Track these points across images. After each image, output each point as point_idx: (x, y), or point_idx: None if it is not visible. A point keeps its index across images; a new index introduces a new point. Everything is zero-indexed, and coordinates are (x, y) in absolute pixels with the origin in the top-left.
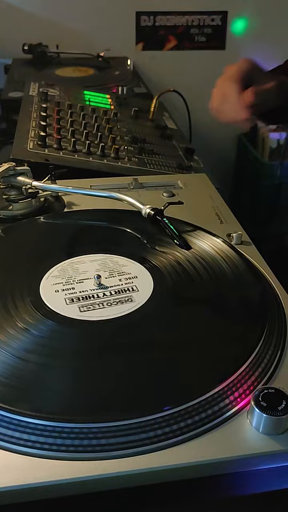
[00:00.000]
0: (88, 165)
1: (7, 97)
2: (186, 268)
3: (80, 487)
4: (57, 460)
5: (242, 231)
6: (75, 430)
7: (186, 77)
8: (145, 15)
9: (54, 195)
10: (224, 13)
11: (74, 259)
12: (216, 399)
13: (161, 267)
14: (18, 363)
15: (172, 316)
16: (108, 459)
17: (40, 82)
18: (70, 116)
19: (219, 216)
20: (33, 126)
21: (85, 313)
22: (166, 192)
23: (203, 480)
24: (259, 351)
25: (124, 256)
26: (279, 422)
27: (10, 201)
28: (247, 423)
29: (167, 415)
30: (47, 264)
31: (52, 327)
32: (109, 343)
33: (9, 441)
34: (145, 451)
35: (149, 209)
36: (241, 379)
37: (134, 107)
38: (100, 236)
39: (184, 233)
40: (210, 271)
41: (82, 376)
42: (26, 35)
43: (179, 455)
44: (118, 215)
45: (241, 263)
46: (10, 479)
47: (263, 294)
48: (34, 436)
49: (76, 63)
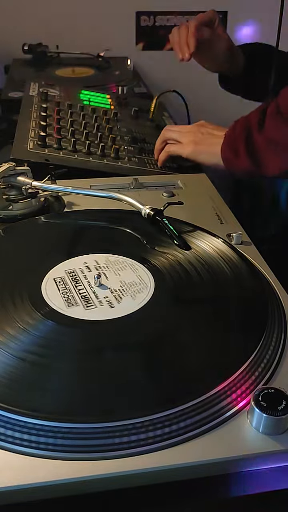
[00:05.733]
0: (88, 165)
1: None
2: (186, 268)
3: (80, 487)
4: (57, 460)
5: (242, 231)
6: (75, 430)
7: (186, 77)
8: (145, 15)
9: (54, 195)
10: (224, 13)
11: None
12: (216, 399)
13: (161, 267)
14: (17, 363)
15: (172, 316)
16: (108, 459)
17: (40, 82)
18: (70, 116)
19: (219, 216)
20: (33, 126)
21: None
22: (166, 192)
23: (203, 480)
24: (259, 351)
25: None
26: (279, 422)
27: (10, 201)
28: (247, 423)
29: (167, 415)
30: (47, 264)
31: (52, 327)
32: (109, 343)
33: (9, 441)
34: (145, 451)
35: (149, 209)
36: (241, 379)
37: (134, 107)
38: (100, 236)
39: (184, 233)
40: (210, 271)
41: (82, 376)
42: (26, 35)
43: (179, 455)
44: (118, 215)
45: (241, 263)
46: (10, 479)
47: (263, 294)
48: (34, 436)
49: (76, 63)
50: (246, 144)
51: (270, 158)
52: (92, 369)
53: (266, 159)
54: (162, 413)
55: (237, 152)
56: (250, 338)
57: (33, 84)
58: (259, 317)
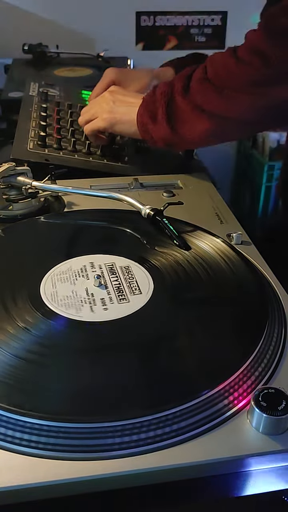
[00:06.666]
0: (88, 165)
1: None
2: (186, 268)
3: (80, 487)
4: (57, 460)
5: (242, 231)
6: (75, 430)
7: None
8: (145, 15)
9: (54, 195)
10: (224, 13)
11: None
12: (216, 399)
13: (161, 267)
14: (17, 362)
15: (172, 316)
16: (108, 459)
17: (40, 82)
18: (70, 116)
19: (219, 216)
20: (33, 126)
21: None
22: (166, 192)
23: (203, 480)
24: (259, 351)
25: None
26: (279, 422)
27: (10, 201)
28: (247, 423)
29: (167, 415)
30: (47, 264)
31: (52, 327)
32: (109, 344)
33: (9, 441)
34: (145, 451)
35: (148, 209)
36: (241, 379)
37: None
38: (100, 236)
39: (184, 233)
40: (210, 271)
41: (82, 376)
42: (26, 35)
43: (179, 455)
44: (118, 215)
45: (241, 263)
46: (10, 479)
47: (263, 294)
48: (34, 436)
49: (76, 63)
50: (166, 108)
51: (191, 124)
52: (92, 369)
53: (187, 125)
54: (162, 413)
55: (155, 117)
56: (250, 338)
57: (33, 84)
58: (259, 317)
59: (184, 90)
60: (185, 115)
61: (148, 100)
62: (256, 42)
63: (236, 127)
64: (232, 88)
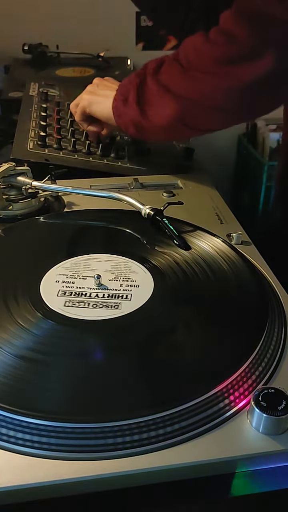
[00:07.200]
0: (88, 165)
1: (7, 97)
2: (186, 268)
3: (80, 487)
4: (57, 460)
5: (242, 231)
6: (75, 430)
7: None
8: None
9: (54, 195)
10: None
11: (74, 259)
12: (216, 399)
13: (161, 267)
14: (17, 362)
15: (172, 316)
16: (108, 459)
17: (40, 82)
18: (70, 116)
19: (219, 216)
20: (33, 126)
21: (85, 313)
22: (166, 192)
23: (203, 480)
24: (259, 351)
25: (124, 256)
26: (279, 422)
27: (10, 201)
28: (247, 423)
29: (167, 415)
30: (46, 264)
31: (52, 327)
32: (109, 343)
33: (9, 441)
34: (145, 451)
35: (148, 209)
36: (241, 379)
37: None
38: (100, 236)
39: (184, 233)
40: (210, 271)
41: (82, 376)
42: (26, 35)
43: (179, 455)
44: (118, 215)
45: (241, 263)
46: (10, 479)
47: (263, 294)
48: (35, 436)
49: (76, 63)
50: (137, 90)
51: (158, 105)
52: (92, 369)
53: (154, 107)
54: (162, 413)
55: (127, 100)
56: (250, 338)
57: (33, 84)
58: (259, 317)
59: (155, 71)
60: (153, 96)
61: (124, 83)
62: (225, 22)
63: (204, 112)
64: (197, 68)
